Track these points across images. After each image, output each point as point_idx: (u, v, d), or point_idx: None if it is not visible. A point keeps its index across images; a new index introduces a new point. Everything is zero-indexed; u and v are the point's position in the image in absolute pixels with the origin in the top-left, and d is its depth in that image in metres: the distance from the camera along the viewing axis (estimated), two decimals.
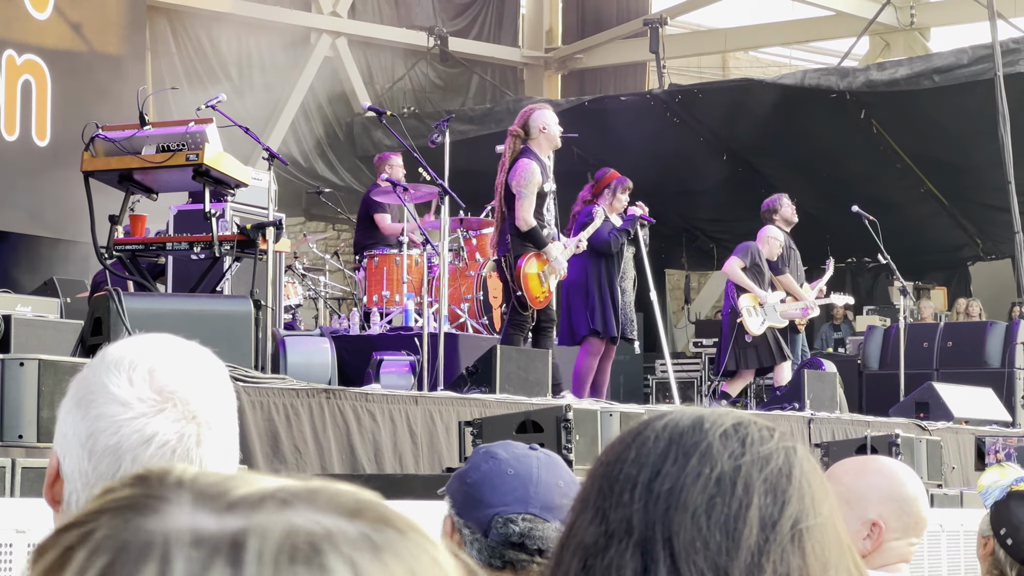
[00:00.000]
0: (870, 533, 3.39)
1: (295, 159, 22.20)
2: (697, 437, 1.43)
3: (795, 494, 1.41)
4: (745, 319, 13.93)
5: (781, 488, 1.41)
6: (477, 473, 2.93)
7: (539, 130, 11.30)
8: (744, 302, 13.98)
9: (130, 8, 18.80)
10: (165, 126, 10.06)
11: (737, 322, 13.99)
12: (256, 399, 8.07)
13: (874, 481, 3.45)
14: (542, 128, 11.31)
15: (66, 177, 14.25)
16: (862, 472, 3.50)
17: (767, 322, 14.00)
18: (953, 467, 12.45)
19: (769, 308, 14.03)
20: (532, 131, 11.30)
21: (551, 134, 11.35)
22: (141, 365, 1.95)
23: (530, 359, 10.82)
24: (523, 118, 11.43)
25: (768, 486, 1.40)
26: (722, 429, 1.44)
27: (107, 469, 1.92)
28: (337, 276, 17.06)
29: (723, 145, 21.74)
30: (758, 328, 13.96)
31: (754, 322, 13.93)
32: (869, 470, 3.51)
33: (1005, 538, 3.89)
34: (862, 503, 3.40)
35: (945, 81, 19.32)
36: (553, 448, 8.25)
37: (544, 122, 11.34)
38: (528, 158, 11.22)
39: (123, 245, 10.10)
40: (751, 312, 13.95)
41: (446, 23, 24.63)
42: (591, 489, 1.45)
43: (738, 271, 14.06)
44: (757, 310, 13.98)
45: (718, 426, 1.44)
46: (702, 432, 1.43)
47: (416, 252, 13.07)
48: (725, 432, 1.43)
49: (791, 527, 1.39)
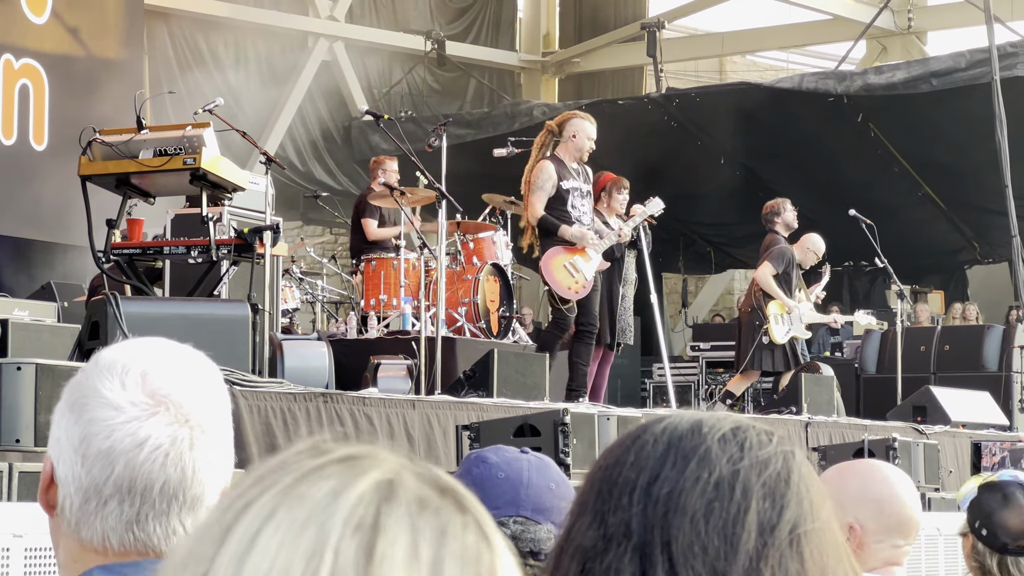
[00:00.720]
0: (848, 537, 3.39)
1: (292, 163, 22.22)
2: (696, 441, 1.43)
3: (793, 498, 1.40)
4: (771, 327, 13.77)
5: (779, 492, 1.40)
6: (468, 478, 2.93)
7: (570, 136, 11.30)
8: (772, 309, 13.83)
9: (127, 12, 18.80)
10: (162, 130, 10.04)
11: (763, 327, 13.82)
12: (253, 403, 8.07)
13: (850, 483, 3.45)
14: (573, 135, 11.30)
15: (63, 181, 14.23)
16: (841, 475, 3.50)
17: (792, 331, 13.89)
18: (951, 471, 12.45)
19: (795, 317, 13.90)
20: (564, 134, 11.32)
21: (578, 144, 11.32)
22: (134, 369, 1.95)
23: (527, 363, 10.82)
24: (563, 118, 11.44)
25: (767, 490, 1.40)
26: (721, 433, 1.43)
27: (100, 473, 1.91)
28: (334, 280, 17.05)
29: (720, 149, 21.74)
30: (782, 337, 13.82)
31: (779, 330, 13.82)
32: (848, 473, 3.52)
33: (980, 529, 3.93)
34: (840, 507, 3.40)
35: (943, 85, 19.34)
36: (550, 452, 8.25)
37: (576, 130, 11.33)
38: (547, 159, 11.23)
39: (120, 249, 10.08)
40: (778, 320, 13.83)
41: (443, 27, 24.64)
42: (590, 492, 1.45)
43: (769, 278, 13.88)
44: (784, 318, 13.86)
45: (717, 430, 1.44)
46: (701, 436, 1.43)
47: (413, 256, 13.06)
48: (724, 436, 1.43)
49: (789, 532, 1.39)
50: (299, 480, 1.14)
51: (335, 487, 1.13)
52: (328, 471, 1.15)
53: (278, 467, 1.17)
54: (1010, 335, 17.08)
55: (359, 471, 1.15)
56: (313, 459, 1.17)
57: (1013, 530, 3.90)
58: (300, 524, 1.11)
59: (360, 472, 1.15)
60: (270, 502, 1.13)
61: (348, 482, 1.14)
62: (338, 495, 1.13)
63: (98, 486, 1.91)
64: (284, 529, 1.11)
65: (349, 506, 1.12)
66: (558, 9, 27.29)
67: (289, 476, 1.15)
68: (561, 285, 11.21)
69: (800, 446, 1.46)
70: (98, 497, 1.91)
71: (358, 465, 1.16)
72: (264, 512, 1.13)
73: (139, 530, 1.92)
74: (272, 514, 1.12)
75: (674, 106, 21.33)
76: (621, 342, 12.40)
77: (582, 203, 11.36)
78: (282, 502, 1.13)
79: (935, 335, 17.68)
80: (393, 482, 1.15)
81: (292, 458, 1.18)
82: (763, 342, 13.85)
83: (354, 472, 1.15)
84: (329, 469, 1.15)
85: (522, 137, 14.14)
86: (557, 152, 11.30)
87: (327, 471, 1.15)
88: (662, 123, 21.11)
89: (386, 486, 1.14)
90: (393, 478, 1.15)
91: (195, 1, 21.78)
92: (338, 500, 1.12)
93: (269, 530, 1.11)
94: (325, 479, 1.14)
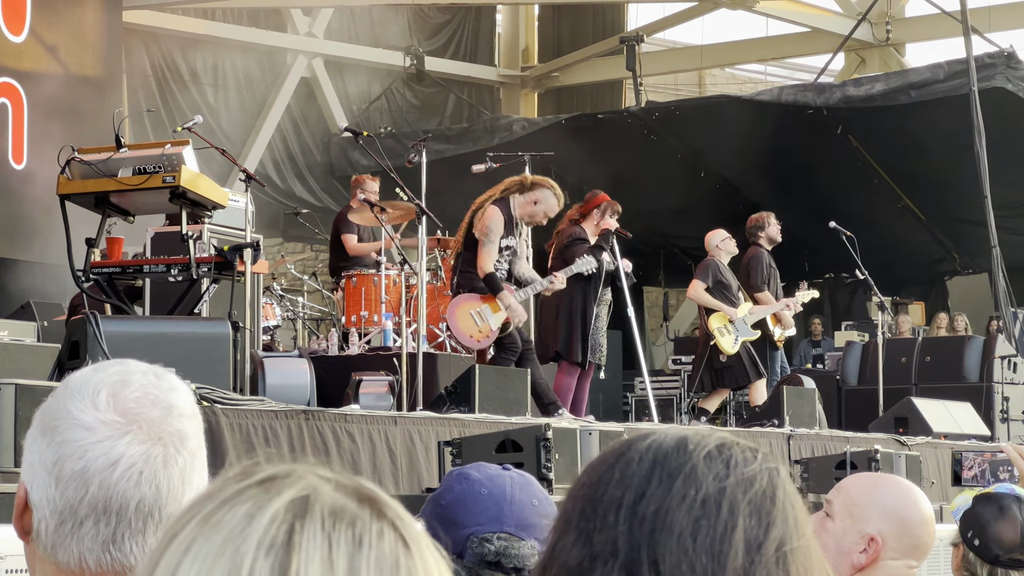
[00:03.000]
0: (867, 548, 3.40)
1: (272, 180, 22.19)
2: (681, 459, 1.42)
3: (779, 516, 1.40)
4: (718, 340, 13.79)
5: (766, 510, 1.39)
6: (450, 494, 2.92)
7: (532, 200, 11.34)
8: (714, 323, 13.84)
9: (106, 31, 18.77)
10: (141, 148, 10.03)
11: (710, 344, 13.87)
12: (235, 421, 8.04)
13: (881, 498, 3.46)
14: (535, 201, 11.35)
15: (43, 200, 14.20)
16: (872, 487, 3.51)
17: (740, 337, 13.87)
18: (932, 482, 12.46)
19: (739, 323, 13.89)
20: (529, 194, 11.35)
21: (533, 211, 11.39)
22: (104, 389, 1.94)
23: (509, 378, 10.81)
24: (539, 182, 11.48)
25: (753, 508, 1.39)
26: (706, 450, 1.42)
27: (74, 494, 1.90)
28: (315, 297, 17.03)
29: (700, 162, 21.76)
30: (732, 347, 13.82)
31: (727, 341, 13.82)
32: (879, 486, 3.52)
33: (972, 539, 3.94)
34: (865, 516, 3.41)
35: (921, 96, 19.38)
36: (533, 467, 8.24)
37: (541, 199, 11.38)
38: (500, 209, 11.23)
39: (100, 268, 10.06)
40: (723, 332, 13.83)
41: (422, 43, 24.64)
42: (573, 510, 1.43)
43: (702, 293, 13.90)
44: (728, 328, 13.85)
45: (702, 447, 1.43)
46: (686, 453, 1.42)
47: (394, 272, 13.05)
48: (709, 453, 1.42)
49: (776, 549, 1.38)
50: (217, 508, 1.17)
51: (249, 510, 1.15)
52: (245, 495, 1.17)
53: (204, 496, 1.19)
54: (990, 346, 17.09)
55: (274, 491, 1.17)
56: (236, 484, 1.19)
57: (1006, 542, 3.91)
58: (215, 552, 1.13)
59: (275, 492, 1.16)
60: (190, 533, 1.16)
61: (262, 504, 1.15)
62: (251, 518, 1.15)
63: (73, 507, 1.90)
64: (201, 558, 1.14)
65: (262, 528, 1.14)
66: (537, 23, 27.31)
67: (210, 504, 1.17)
68: (464, 333, 11.31)
69: (783, 462, 1.45)
70: (73, 518, 1.90)
71: (274, 486, 1.17)
72: (184, 544, 1.15)
73: (116, 550, 1.90)
74: (190, 546, 1.15)
75: (654, 119, 21.35)
76: (594, 361, 12.34)
77: (507, 263, 11.43)
78: (199, 532, 1.15)
79: (916, 346, 17.69)
80: (308, 498, 1.16)
81: (219, 485, 1.20)
82: (720, 360, 13.85)
83: (269, 493, 1.16)
84: (247, 493, 1.17)
85: (501, 152, 14.16)
86: (512, 201, 11.32)
87: (244, 495, 1.17)
88: (642, 137, 21.13)
89: (301, 503, 1.16)
90: (309, 494, 1.17)
91: (174, 19, 21.77)
92: (251, 523, 1.14)
93: (187, 561, 1.14)
94: (241, 503, 1.16)
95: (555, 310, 12.11)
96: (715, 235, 14.26)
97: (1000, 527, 3.93)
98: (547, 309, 12.21)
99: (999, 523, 3.94)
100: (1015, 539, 3.91)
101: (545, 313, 12.21)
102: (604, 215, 12.33)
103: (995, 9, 24.07)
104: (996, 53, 19.47)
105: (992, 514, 3.95)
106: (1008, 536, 3.92)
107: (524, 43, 27.20)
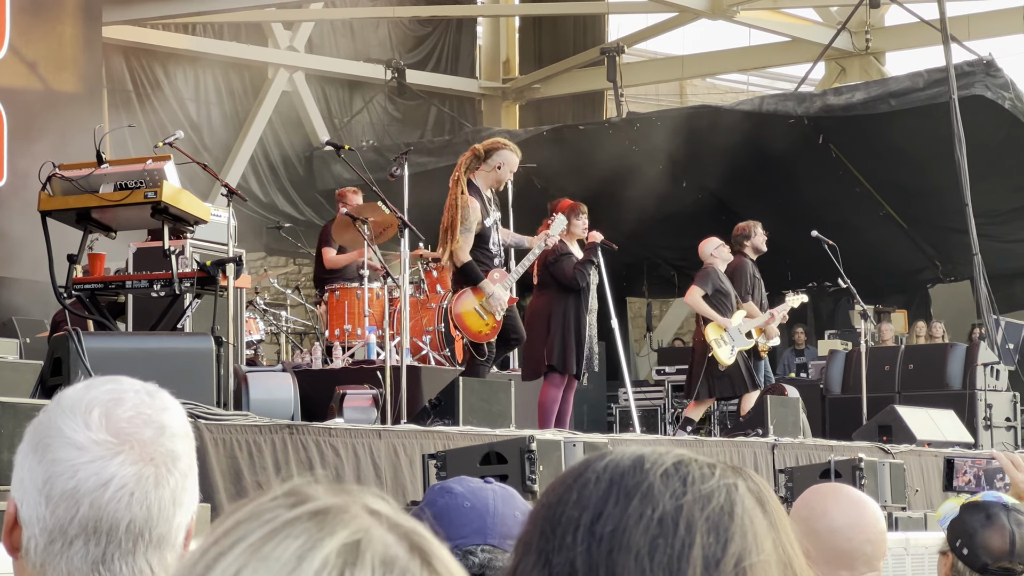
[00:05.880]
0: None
1: (255, 194, 22.18)
2: (638, 477, 1.42)
3: (738, 532, 1.39)
4: (716, 351, 13.70)
5: (723, 526, 1.39)
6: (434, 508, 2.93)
7: (495, 165, 11.14)
8: (711, 333, 13.75)
9: (85, 46, 18.73)
10: (123, 164, 10.01)
11: (708, 355, 13.75)
12: (219, 436, 8.03)
13: (797, 512, 3.53)
14: (498, 166, 11.16)
15: (24, 216, 14.17)
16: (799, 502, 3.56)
17: (736, 347, 13.83)
18: (916, 490, 12.48)
19: (734, 332, 13.84)
20: (490, 161, 11.14)
21: (500, 176, 11.20)
22: (97, 408, 1.93)
23: (493, 391, 10.80)
24: (492, 145, 11.29)
25: (710, 525, 1.39)
26: (663, 468, 1.42)
27: (65, 514, 1.90)
28: (299, 311, 17.02)
29: (682, 172, 21.79)
30: (728, 357, 13.74)
31: (724, 352, 13.74)
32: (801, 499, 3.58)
33: (961, 548, 3.95)
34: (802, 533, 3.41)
35: (901, 105, 19.44)
36: (517, 479, 8.25)
37: (502, 161, 11.17)
38: (471, 196, 11.05)
39: (82, 284, 10.04)
40: (719, 343, 13.75)
41: (403, 56, 24.66)
42: (533, 532, 1.43)
43: (699, 300, 13.80)
44: (724, 338, 13.79)
45: (659, 466, 1.43)
46: (643, 472, 1.42)
47: (377, 285, 13.04)
48: (666, 471, 1.42)
49: (734, 565, 1.38)
50: (267, 537, 1.15)
51: (300, 549, 1.14)
52: (297, 529, 1.15)
53: (251, 516, 1.18)
54: (973, 353, 17.12)
55: (328, 530, 1.15)
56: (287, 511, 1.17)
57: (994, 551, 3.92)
58: None
59: (328, 532, 1.15)
60: (237, 560, 1.14)
61: (314, 543, 1.14)
62: (302, 559, 1.13)
63: (63, 526, 1.90)
64: None
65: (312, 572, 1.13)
66: (517, 35, 27.34)
67: (260, 531, 1.16)
68: (476, 333, 11.12)
69: (745, 476, 1.45)
70: (63, 538, 1.90)
71: (328, 524, 1.16)
72: (231, 571, 1.14)
73: (105, 570, 1.90)
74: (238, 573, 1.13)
75: (635, 130, 21.38)
76: (587, 371, 12.25)
77: (497, 235, 11.32)
78: (247, 562, 1.14)
79: (899, 354, 17.72)
80: (360, 543, 1.15)
81: (267, 505, 1.18)
82: (718, 370, 13.79)
83: (322, 532, 1.15)
84: (298, 527, 1.16)
85: None
86: (475, 178, 11.14)
87: (296, 529, 1.15)
88: (623, 147, 21.15)
89: (352, 548, 1.15)
90: (361, 538, 1.16)
91: (154, 34, 21.76)
92: (302, 564, 1.13)
93: None
94: (293, 539, 1.15)
95: (546, 322, 11.92)
96: (708, 243, 14.16)
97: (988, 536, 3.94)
98: (536, 322, 12.06)
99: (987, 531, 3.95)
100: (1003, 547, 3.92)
101: (535, 326, 12.01)
102: (571, 221, 12.06)
103: (974, 18, 24.18)
104: (975, 61, 19.54)
105: (980, 522, 3.96)
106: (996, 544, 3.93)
107: (505, 55, 27.23)
